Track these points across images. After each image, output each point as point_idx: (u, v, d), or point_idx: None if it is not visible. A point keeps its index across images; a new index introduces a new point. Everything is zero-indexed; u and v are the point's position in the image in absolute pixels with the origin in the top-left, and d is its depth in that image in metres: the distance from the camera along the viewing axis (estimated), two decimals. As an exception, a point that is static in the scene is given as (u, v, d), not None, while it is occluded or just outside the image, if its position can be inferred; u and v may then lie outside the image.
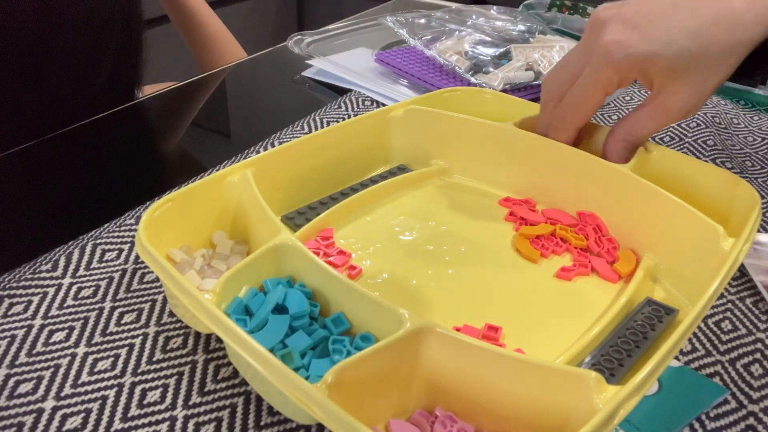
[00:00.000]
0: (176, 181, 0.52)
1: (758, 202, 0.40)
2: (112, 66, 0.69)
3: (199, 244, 0.41)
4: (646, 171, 0.45)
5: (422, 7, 0.96)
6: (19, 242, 0.46)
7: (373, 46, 0.77)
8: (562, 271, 0.42)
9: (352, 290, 0.34)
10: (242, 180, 0.41)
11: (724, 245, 0.37)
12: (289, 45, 0.77)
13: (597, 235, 0.45)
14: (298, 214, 0.46)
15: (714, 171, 0.44)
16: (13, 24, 0.59)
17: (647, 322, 0.37)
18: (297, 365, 0.32)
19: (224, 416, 0.33)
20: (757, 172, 0.55)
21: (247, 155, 0.56)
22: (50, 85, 0.64)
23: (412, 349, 0.31)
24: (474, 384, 0.31)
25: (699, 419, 0.33)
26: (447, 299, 0.40)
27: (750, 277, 0.42)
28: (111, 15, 0.67)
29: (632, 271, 0.42)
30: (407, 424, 0.31)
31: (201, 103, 0.72)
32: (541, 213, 0.48)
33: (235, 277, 0.35)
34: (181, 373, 0.35)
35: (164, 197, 0.39)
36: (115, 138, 0.63)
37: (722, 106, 0.66)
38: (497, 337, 0.36)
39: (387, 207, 0.48)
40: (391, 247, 0.44)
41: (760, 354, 0.37)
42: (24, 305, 0.39)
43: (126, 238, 0.45)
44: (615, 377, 0.33)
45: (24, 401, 0.33)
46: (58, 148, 0.59)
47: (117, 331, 0.38)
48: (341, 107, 0.65)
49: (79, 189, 0.53)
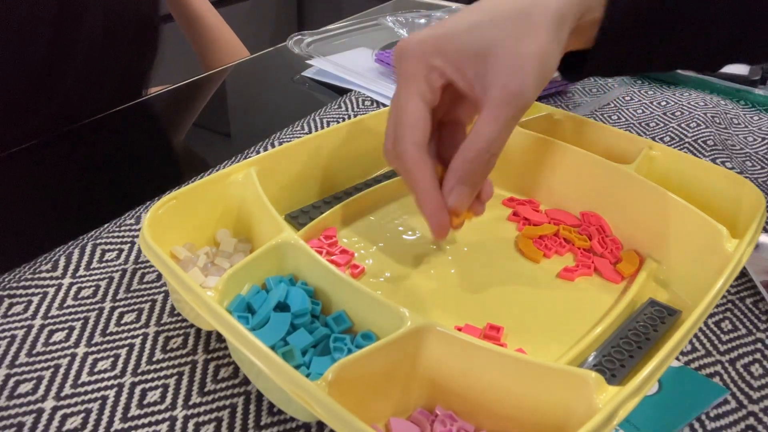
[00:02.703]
0: (176, 181, 0.52)
1: (763, 203, 0.40)
2: (127, 64, 0.69)
3: (202, 241, 0.41)
4: (650, 171, 0.45)
5: (422, 7, 0.96)
6: (19, 242, 0.46)
7: (373, 46, 0.77)
8: (565, 272, 0.42)
9: (354, 289, 0.34)
10: (246, 178, 0.41)
11: (728, 246, 0.37)
12: (289, 45, 0.77)
13: (600, 235, 0.45)
14: (302, 213, 0.46)
15: (718, 171, 0.44)
16: (31, 23, 0.59)
17: (650, 323, 0.37)
18: (298, 363, 0.32)
19: (224, 416, 0.33)
20: (757, 172, 0.55)
21: (247, 155, 0.56)
22: (66, 84, 0.64)
23: (413, 348, 0.31)
24: (474, 383, 0.31)
25: (699, 419, 0.33)
26: (449, 299, 0.40)
27: (750, 277, 0.42)
28: (128, 13, 0.67)
29: (635, 272, 0.42)
30: (407, 423, 0.31)
31: (201, 103, 0.72)
32: (545, 213, 0.48)
33: (237, 274, 0.35)
34: (181, 373, 0.35)
35: (168, 195, 0.39)
36: (114, 138, 0.63)
37: (722, 106, 0.66)
38: (499, 336, 0.36)
39: (390, 206, 0.48)
40: (394, 247, 0.44)
41: (760, 354, 0.37)
42: (24, 305, 0.39)
43: (126, 238, 0.45)
44: (616, 378, 0.33)
45: (24, 401, 0.33)
46: (58, 148, 0.59)
47: (117, 331, 0.37)
48: (341, 107, 0.65)
49: (79, 189, 0.53)
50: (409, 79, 0.36)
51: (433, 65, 0.36)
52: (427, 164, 0.36)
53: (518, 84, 0.33)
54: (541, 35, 0.34)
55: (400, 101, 0.36)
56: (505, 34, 0.34)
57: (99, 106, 0.65)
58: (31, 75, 0.62)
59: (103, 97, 0.67)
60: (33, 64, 0.61)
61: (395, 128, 0.36)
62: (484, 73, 0.34)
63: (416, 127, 0.36)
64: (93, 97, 0.66)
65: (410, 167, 0.36)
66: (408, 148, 0.36)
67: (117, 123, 0.65)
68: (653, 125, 0.63)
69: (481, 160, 0.35)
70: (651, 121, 0.64)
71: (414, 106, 0.36)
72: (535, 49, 0.34)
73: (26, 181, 0.54)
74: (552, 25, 0.34)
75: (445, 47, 0.35)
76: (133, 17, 0.68)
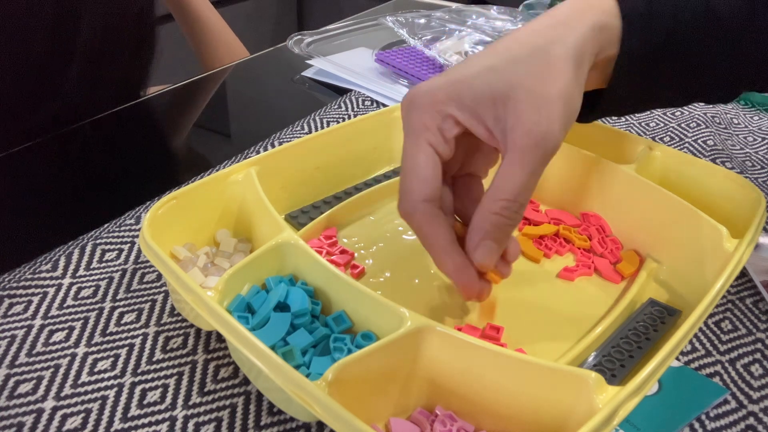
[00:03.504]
0: (176, 181, 0.52)
1: (763, 203, 0.40)
2: (125, 65, 0.69)
3: (202, 241, 0.41)
4: (650, 171, 0.45)
5: (422, 7, 0.96)
6: (19, 242, 0.46)
7: (373, 46, 0.77)
8: (565, 272, 0.42)
9: (354, 289, 0.34)
10: (246, 178, 0.41)
11: (728, 246, 0.37)
12: (289, 45, 0.77)
13: (600, 235, 0.45)
14: (302, 213, 0.46)
15: (718, 171, 0.44)
16: (30, 23, 0.59)
17: (650, 323, 0.37)
18: (298, 363, 0.32)
19: (224, 416, 0.33)
20: (757, 172, 0.55)
21: (247, 155, 0.56)
22: (64, 84, 0.64)
23: (413, 348, 0.31)
24: (474, 383, 0.31)
25: (699, 419, 0.33)
26: (449, 298, 0.40)
27: (750, 277, 0.42)
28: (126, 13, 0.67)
29: (635, 272, 0.42)
30: (407, 423, 0.31)
31: (201, 103, 0.72)
32: (545, 213, 0.48)
33: (237, 274, 0.35)
34: (181, 373, 0.35)
35: (168, 195, 0.39)
36: (114, 138, 0.63)
37: (722, 106, 0.66)
38: (499, 336, 0.36)
39: (390, 206, 0.48)
40: (394, 247, 0.44)
41: (760, 354, 0.37)
42: (24, 305, 0.39)
43: (126, 238, 0.45)
44: (616, 378, 0.33)
45: (24, 401, 0.33)
46: (58, 147, 0.59)
47: (117, 331, 0.37)
48: (341, 107, 0.65)
49: (79, 189, 0.53)
50: (420, 130, 0.33)
51: (446, 114, 0.33)
52: (441, 221, 0.34)
53: (544, 127, 0.31)
54: (563, 73, 0.32)
55: (409, 154, 0.34)
56: (525, 75, 0.32)
57: (97, 108, 0.65)
58: (31, 75, 0.62)
59: (101, 99, 0.67)
60: (32, 64, 0.61)
61: (404, 183, 0.34)
62: (504, 118, 0.32)
63: (426, 182, 0.33)
64: (91, 99, 0.66)
65: (422, 225, 0.34)
66: (419, 206, 0.33)
67: (117, 123, 0.65)
68: (653, 125, 0.63)
69: (508, 213, 0.32)
70: (651, 121, 0.64)
71: (425, 159, 0.33)
72: (558, 89, 0.31)
73: (26, 181, 0.54)
74: (572, 62, 0.32)
75: (459, 93, 0.33)
76: (130, 17, 0.68)
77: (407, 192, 0.33)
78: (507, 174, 0.32)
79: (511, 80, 0.32)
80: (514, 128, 0.31)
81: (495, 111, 0.32)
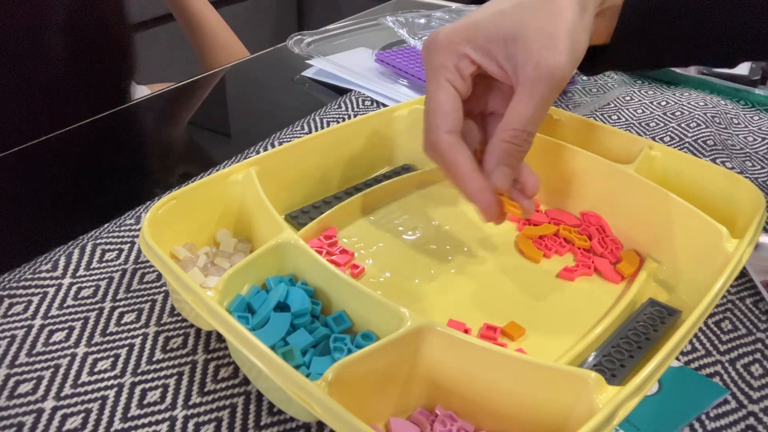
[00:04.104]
0: (176, 181, 0.52)
1: (763, 203, 0.40)
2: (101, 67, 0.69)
3: (202, 241, 0.41)
4: (650, 171, 0.45)
5: (422, 7, 0.96)
6: (19, 242, 0.46)
7: (373, 46, 0.77)
8: (565, 272, 0.42)
9: (354, 289, 0.34)
10: (246, 178, 0.41)
11: (728, 247, 0.37)
12: (289, 45, 0.77)
13: (600, 235, 0.45)
14: (302, 213, 0.46)
15: (718, 171, 0.44)
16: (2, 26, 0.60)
17: (650, 323, 0.37)
18: (298, 363, 0.32)
19: (224, 416, 0.33)
20: (757, 172, 0.55)
21: (247, 155, 0.56)
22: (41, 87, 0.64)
23: (413, 348, 0.31)
24: (474, 383, 0.31)
25: (699, 419, 0.33)
26: (449, 299, 0.40)
27: (750, 277, 0.42)
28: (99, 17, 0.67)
29: (635, 272, 0.42)
30: (407, 423, 0.31)
31: (201, 103, 0.72)
32: (545, 213, 0.48)
33: (237, 274, 0.35)
34: (181, 373, 0.35)
35: (168, 195, 0.39)
36: (115, 138, 0.63)
37: (722, 106, 0.66)
38: (497, 336, 0.36)
39: (390, 206, 0.48)
40: (394, 247, 0.44)
41: (760, 354, 0.37)
42: (24, 305, 0.39)
43: (126, 238, 0.45)
44: (616, 378, 0.33)
45: (24, 401, 0.33)
46: (57, 148, 0.59)
47: (117, 331, 0.37)
48: (341, 107, 0.65)
49: (79, 189, 0.53)
50: (439, 69, 0.37)
51: (462, 53, 0.36)
52: (462, 149, 0.36)
53: (551, 60, 0.34)
54: (569, 13, 0.35)
55: (431, 92, 0.37)
56: (532, 17, 0.35)
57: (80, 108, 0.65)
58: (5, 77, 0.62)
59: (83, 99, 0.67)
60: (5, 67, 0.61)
61: (427, 119, 0.37)
62: (514, 55, 0.35)
63: (448, 115, 0.36)
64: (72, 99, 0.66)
65: (446, 154, 0.36)
66: (442, 137, 0.36)
67: (117, 123, 0.65)
68: (653, 125, 0.63)
69: (518, 140, 0.35)
70: (651, 121, 0.64)
71: (444, 95, 0.36)
72: (565, 27, 0.34)
73: (26, 181, 0.54)
74: (577, 6, 0.35)
75: (474, 35, 0.36)
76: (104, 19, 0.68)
77: (431, 126, 0.37)
78: (517, 106, 0.35)
79: (521, 21, 0.35)
80: (524, 63, 0.34)
81: (506, 49, 0.35)
